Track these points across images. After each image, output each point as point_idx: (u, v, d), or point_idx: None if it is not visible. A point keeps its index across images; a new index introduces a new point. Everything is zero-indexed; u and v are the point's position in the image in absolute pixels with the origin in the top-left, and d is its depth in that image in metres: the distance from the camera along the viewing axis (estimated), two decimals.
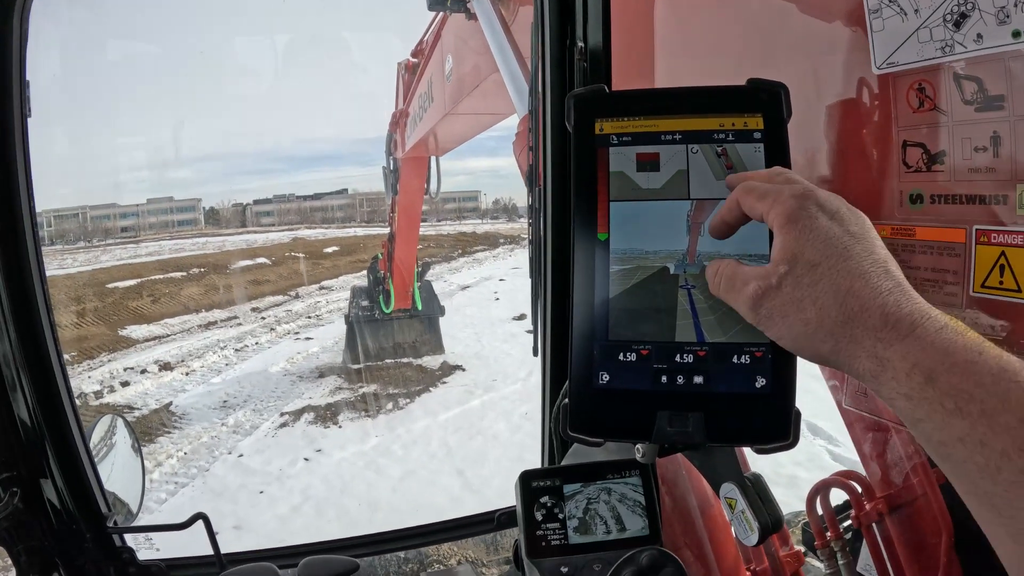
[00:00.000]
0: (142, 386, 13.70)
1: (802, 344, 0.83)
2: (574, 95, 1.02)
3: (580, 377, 0.96)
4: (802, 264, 0.80)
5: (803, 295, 0.80)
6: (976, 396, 0.67)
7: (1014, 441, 0.63)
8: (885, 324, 0.75)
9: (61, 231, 46.59)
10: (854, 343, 0.77)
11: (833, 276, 0.79)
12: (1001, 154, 0.98)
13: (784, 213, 0.83)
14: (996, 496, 0.65)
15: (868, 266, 0.79)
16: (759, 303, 0.84)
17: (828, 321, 0.79)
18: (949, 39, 1.01)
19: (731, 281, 0.88)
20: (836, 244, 0.80)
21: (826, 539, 1.74)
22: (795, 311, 0.81)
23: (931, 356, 0.71)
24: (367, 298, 12.89)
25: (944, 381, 0.69)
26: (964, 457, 0.67)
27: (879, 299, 0.76)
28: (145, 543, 3.34)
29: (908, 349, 0.73)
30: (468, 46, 6.13)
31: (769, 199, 0.85)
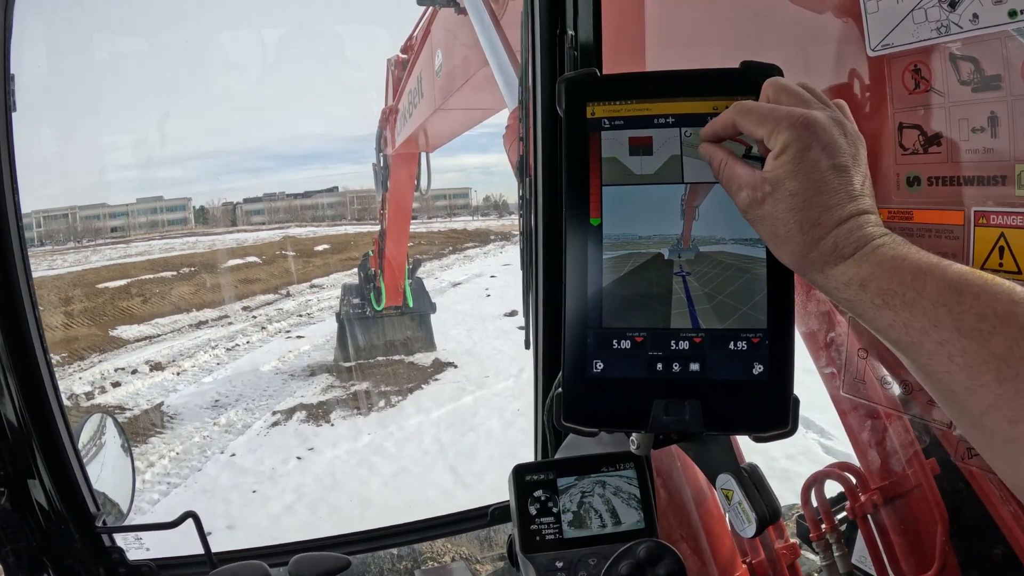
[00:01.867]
0: (133, 386, 13.65)
1: (773, 246, 0.94)
2: (565, 79, 1.01)
3: (574, 366, 0.95)
4: (783, 190, 0.89)
5: (779, 215, 0.90)
6: (899, 292, 0.82)
7: (930, 320, 0.79)
8: (834, 250, 0.87)
9: (50, 231, 46.45)
10: (807, 262, 0.90)
11: (805, 208, 0.88)
12: (999, 134, 0.97)
13: (782, 141, 0.89)
14: (924, 365, 0.82)
15: (838, 200, 0.88)
16: (747, 208, 0.93)
17: (792, 239, 0.90)
18: (944, 19, 1.00)
19: (730, 180, 0.94)
20: (817, 178, 0.88)
21: (821, 531, 1.74)
22: (771, 224, 0.91)
23: (864, 269, 0.86)
24: (358, 296, 12.86)
25: (873, 286, 0.85)
26: (896, 338, 0.84)
27: (835, 230, 0.88)
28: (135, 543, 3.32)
29: (847, 266, 0.87)
30: (458, 41, 6.13)
31: (768, 125, 0.91)
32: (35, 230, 43.43)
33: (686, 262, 0.93)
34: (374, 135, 10.85)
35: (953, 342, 0.77)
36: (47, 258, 33.41)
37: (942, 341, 0.78)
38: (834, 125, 0.91)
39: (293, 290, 24.64)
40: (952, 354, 0.78)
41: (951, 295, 0.79)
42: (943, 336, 0.78)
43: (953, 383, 0.78)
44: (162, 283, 24.86)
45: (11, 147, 1.76)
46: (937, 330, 0.79)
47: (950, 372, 0.78)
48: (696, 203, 0.94)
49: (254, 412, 11.59)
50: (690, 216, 0.94)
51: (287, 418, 11.06)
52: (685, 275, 0.93)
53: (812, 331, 1.49)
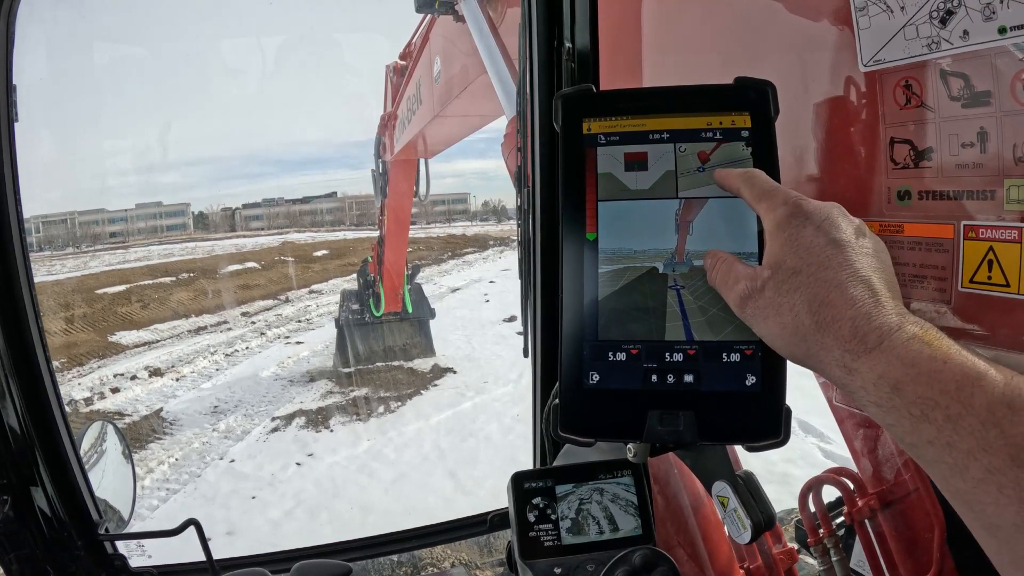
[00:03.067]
0: (132, 392, 13.62)
1: (780, 344, 0.87)
2: (562, 95, 1.02)
3: (570, 377, 0.96)
4: (784, 271, 0.85)
5: (782, 300, 0.85)
6: (940, 403, 0.71)
7: (978, 442, 0.68)
8: (854, 336, 0.79)
9: (49, 237, 46.42)
10: (824, 351, 0.81)
11: (810, 284, 0.83)
12: (988, 150, 0.98)
13: (775, 219, 0.88)
14: (966, 492, 0.70)
15: (846, 277, 0.82)
16: (745, 303, 0.88)
17: (802, 328, 0.83)
18: (935, 36, 1.01)
19: (725, 277, 0.91)
20: (817, 253, 0.84)
21: (819, 536, 1.75)
22: (774, 314, 0.86)
23: (896, 368, 0.75)
24: (357, 301, 12.87)
25: (910, 391, 0.73)
26: (935, 457, 0.72)
27: (851, 311, 0.80)
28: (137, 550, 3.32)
29: (875, 361, 0.77)
30: (456, 48, 6.14)
31: (766, 202, 0.90)
32: (34, 235, 43.38)
33: (680, 276, 0.94)
34: (373, 141, 10.85)
35: (1005, 471, 0.67)
36: (46, 263, 33.35)
37: (992, 468, 0.67)
38: (827, 205, 0.89)
39: (292, 296, 24.61)
40: (1003, 485, 0.67)
41: (1004, 413, 0.68)
42: (993, 463, 0.67)
43: (1000, 517, 0.67)
44: (161, 289, 24.83)
45: (13, 156, 1.77)
46: (987, 455, 0.68)
47: (998, 505, 0.67)
48: (690, 218, 0.95)
49: (253, 418, 11.56)
50: (684, 231, 0.95)
51: (286, 424, 11.04)
52: (679, 289, 0.94)
53: None
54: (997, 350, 0.99)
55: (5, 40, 1.71)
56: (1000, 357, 0.97)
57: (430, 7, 5.86)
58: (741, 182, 0.93)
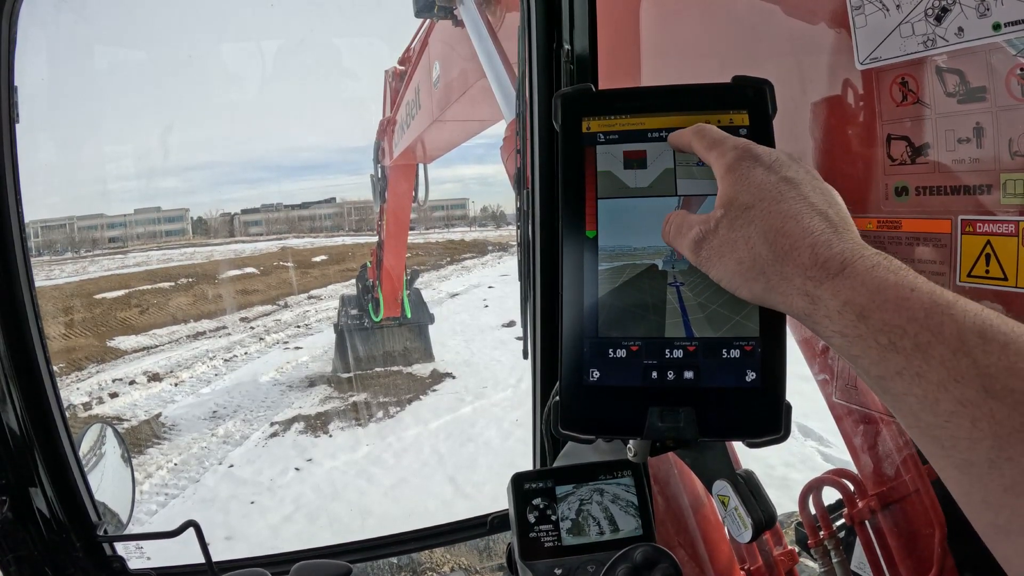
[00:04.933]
0: (131, 397, 13.61)
1: (738, 283, 0.86)
2: (561, 94, 1.03)
3: (571, 374, 0.96)
4: (736, 207, 0.85)
5: (736, 236, 0.84)
6: (909, 331, 0.69)
7: (949, 372, 0.65)
8: (815, 263, 0.77)
9: (48, 241, 46.47)
10: (785, 281, 0.80)
11: (765, 217, 0.82)
12: (984, 145, 0.99)
13: (724, 163, 0.88)
14: (937, 427, 0.67)
15: (800, 208, 0.82)
16: (700, 246, 0.88)
17: (759, 260, 0.82)
18: (931, 33, 1.02)
19: (679, 227, 0.91)
20: (769, 189, 0.84)
21: (819, 537, 1.75)
22: (729, 251, 0.85)
23: (862, 294, 0.73)
24: (356, 307, 12.85)
25: (876, 318, 0.71)
26: (903, 390, 0.69)
27: (809, 239, 0.79)
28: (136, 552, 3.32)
29: (838, 287, 0.75)
30: (455, 52, 6.14)
31: (716, 150, 0.90)
32: (33, 240, 43.38)
33: (680, 273, 0.94)
34: (372, 146, 10.86)
35: (978, 402, 0.64)
36: (45, 268, 33.39)
37: (963, 400, 0.64)
38: (774, 151, 0.89)
39: (291, 301, 24.59)
40: (976, 417, 0.64)
41: (975, 342, 0.66)
42: (965, 394, 0.64)
43: (973, 452, 0.64)
44: (160, 294, 24.81)
45: (15, 158, 1.77)
46: (958, 386, 0.65)
47: (971, 439, 0.64)
48: None
49: (252, 423, 11.54)
50: None
51: (285, 429, 11.02)
52: (679, 285, 0.94)
53: (806, 338, 1.51)
54: None
55: (7, 41, 1.71)
56: None
57: (429, 12, 5.87)
58: (692, 135, 0.94)
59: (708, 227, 0.86)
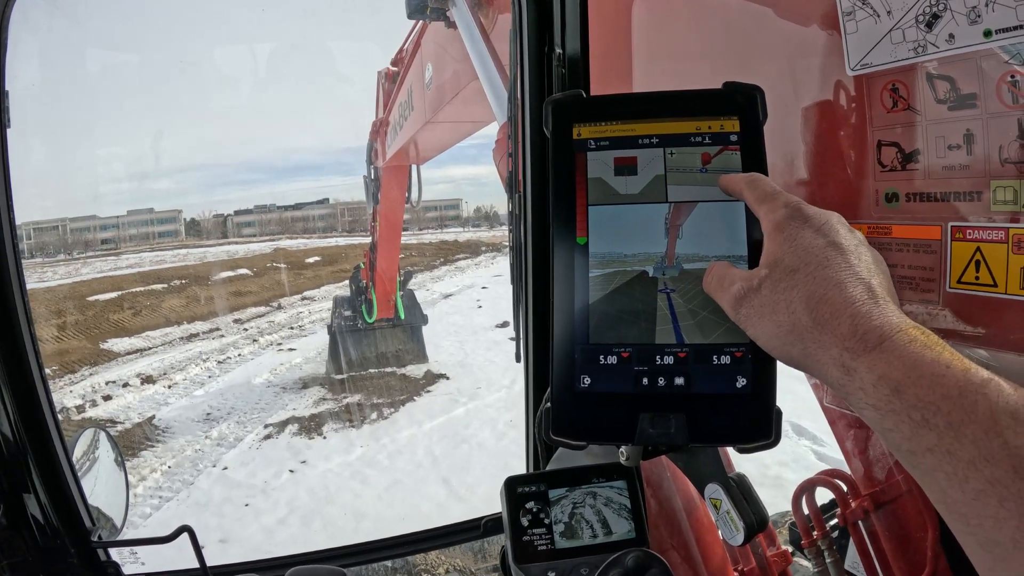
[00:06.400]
0: (124, 400, 13.58)
1: (774, 345, 0.86)
2: (552, 100, 1.03)
3: (562, 381, 0.96)
4: (781, 269, 0.84)
5: (778, 298, 0.83)
6: (942, 408, 0.68)
7: (980, 452, 0.65)
8: (854, 334, 0.77)
9: (41, 243, 46.28)
10: (822, 349, 0.79)
11: (808, 283, 0.81)
12: (975, 152, 0.99)
13: (774, 221, 0.88)
14: (964, 504, 0.66)
15: (845, 276, 0.81)
16: (740, 303, 0.87)
17: (799, 325, 0.81)
18: (922, 40, 1.02)
19: (720, 280, 0.91)
20: (816, 253, 0.83)
21: (813, 538, 1.75)
22: (770, 313, 0.84)
23: (897, 368, 0.72)
24: (349, 308, 12.82)
25: (910, 393, 0.71)
26: (933, 466, 0.69)
27: (850, 309, 0.78)
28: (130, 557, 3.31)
29: (875, 361, 0.74)
30: (448, 54, 6.13)
31: (767, 204, 0.90)
32: (26, 242, 43.23)
33: (670, 279, 0.94)
34: (365, 147, 10.84)
35: (1007, 483, 0.63)
36: (37, 270, 33.26)
37: (993, 480, 0.64)
38: (825, 212, 0.89)
39: (284, 302, 24.55)
40: (1004, 497, 0.63)
41: (1008, 423, 0.65)
42: (995, 474, 0.64)
43: (999, 532, 0.63)
44: (153, 296, 24.75)
45: (6, 162, 1.76)
46: (988, 465, 0.64)
47: (997, 519, 0.63)
48: (679, 222, 0.96)
49: (246, 425, 11.52)
50: (674, 235, 0.96)
51: (279, 431, 11.01)
52: (669, 292, 0.94)
53: None
54: (986, 350, 1.00)
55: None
56: (990, 357, 0.98)
57: (421, 13, 5.86)
58: (744, 184, 0.94)
59: (751, 285, 0.87)
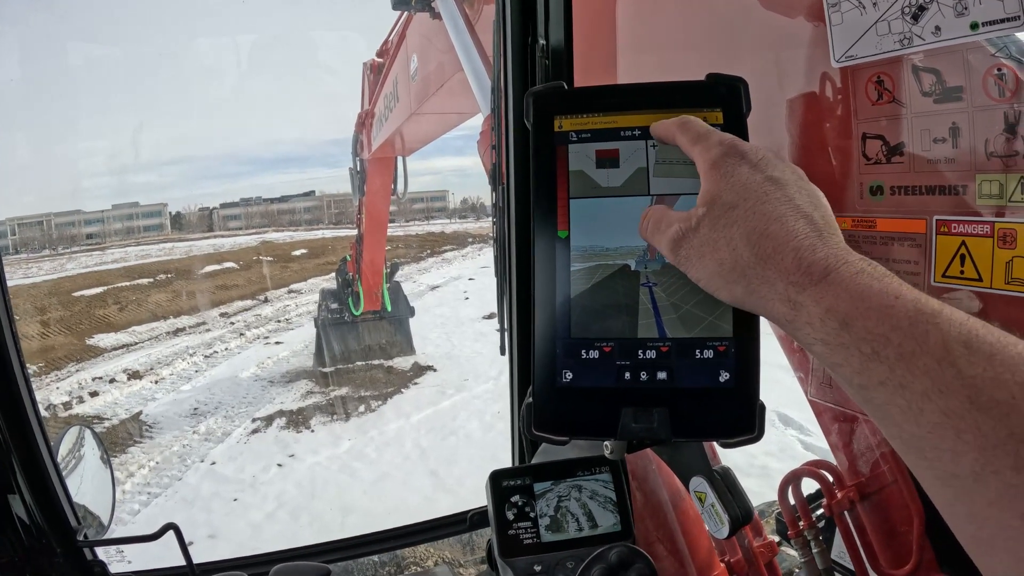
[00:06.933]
0: (111, 396, 13.53)
1: (718, 284, 0.83)
2: (532, 92, 1.02)
3: (543, 376, 0.96)
4: (719, 206, 0.82)
5: (718, 236, 0.81)
6: (892, 340, 0.66)
7: (934, 382, 0.63)
8: (798, 267, 0.75)
9: (25, 239, 46.00)
10: (767, 284, 0.77)
11: (748, 218, 0.79)
12: (960, 145, 0.99)
13: (709, 159, 0.85)
14: (921, 439, 0.64)
15: (785, 210, 0.79)
16: (679, 244, 0.85)
17: (741, 262, 0.79)
18: (907, 32, 1.02)
19: (657, 223, 0.89)
20: (754, 188, 0.81)
21: (799, 528, 1.75)
22: (710, 251, 0.82)
23: (845, 301, 0.71)
24: (336, 301, 12.77)
25: (859, 326, 0.69)
26: (886, 400, 0.67)
27: (793, 242, 0.76)
28: (117, 556, 3.30)
29: (821, 293, 0.73)
30: (433, 45, 6.11)
31: (700, 144, 0.87)
32: (9, 238, 43.01)
33: (652, 273, 0.93)
34: (351, 138, 10.81)
35: (963, 414, 0.61)
36: (22, 266, 33.10)
37: (948, 411, 0.62)
38: (761, 148, 0.86)
39: (271, 296, 24.51)
40: (961, 429, 0.61)
41: (960, 352, 0.63)
42: (950, 405, 0.62)
43: (957, 465, 0.62)
44: (138, 290, 24.66)
45: None
46: (943, 396, 0.62)
47: (955, 451, 0.61)
48: None
49: (233, 419, 11.51)
50: None
51: (267, 425, 10.99)
52: (651, 286, 0.93)
53: (784, 335, 1.51)
54: None
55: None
56: None
57: (406, 4, 5.83)
58: (676, 127, 0.91)
59: (689, 225, 0.84)
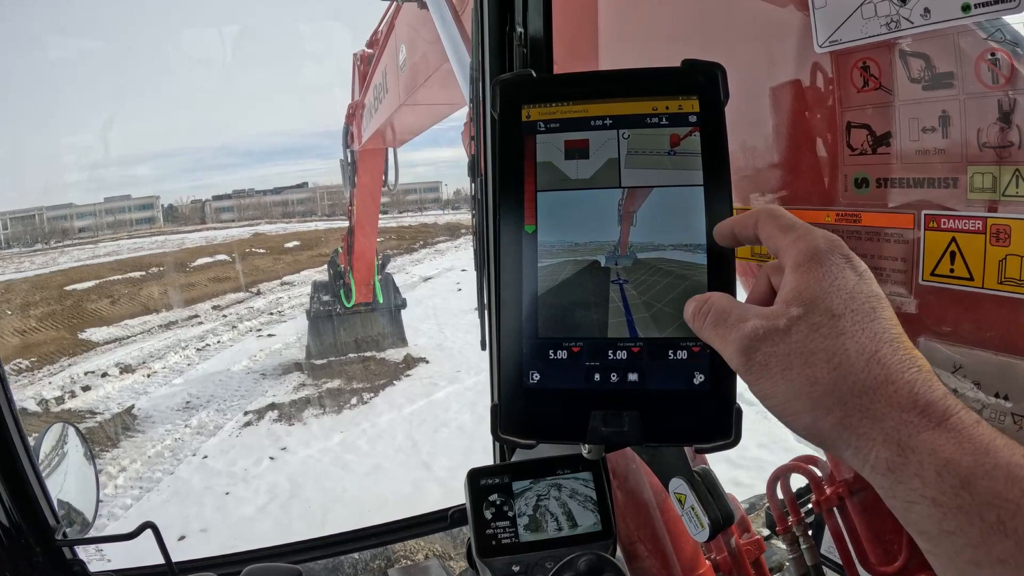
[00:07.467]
0: (103, 390, 13.59)
1: (798, 408, 0.67)
2: (499, 80, 0.97)
3: (510, 377, 0.92)
4: (822, 310, 0.67)
5: (817, 347, 0.65)
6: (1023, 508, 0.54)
7: None
8: (914, 405, 0.60)
9: (16, 233, 45.93)
10: (870, 419, 0.62)
11: (857, 334, 0.65)
12: (951, 135, 0.95)
13: (809, 250, 0.70)
14: None
15: (896, 335, 0.65)
16: (756, 346, 0.69)
17: (843, 385, 0.63)
18: (895, 14, 0.98)
19: (723, 315, 0.75)
20: (863, 301, 0.67)
21: (787, 524, 1.74)
22: (802, 364, 0.66)
23: (969, 453, 0.57)
24: (328, 293, 12.84)
25: (984, 487, 0.55)
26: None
27: (908, 374, 0.62)
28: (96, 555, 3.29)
29: (940, 441, 0.58)
30: (420, 35, 6.09)
31: (795, 233, 0.73)
32: (1, 232, 42.98)
33: (623, 269, 0.89)
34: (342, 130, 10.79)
35: None
36: (14, 261, 33.12)
37: None
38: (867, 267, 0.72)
39: (263, 288, 24.55)
40: None
41: None
42: None
43: None
44: (131, 284, 24.69)
45: None
46: None
47: None
48: (633, 208, 0.91)
49: (226, 413, 11.60)
50: (627, 222, 0.91)
51: (259, 418, 11.10)
52: (622, 283, 0.89)
53: None
54: (960, 347, 0.96)
55: None
56: (963, 355, 0.95)
57: None
58: (763, 214, 0.77)
59: (775, 325, 0.68)
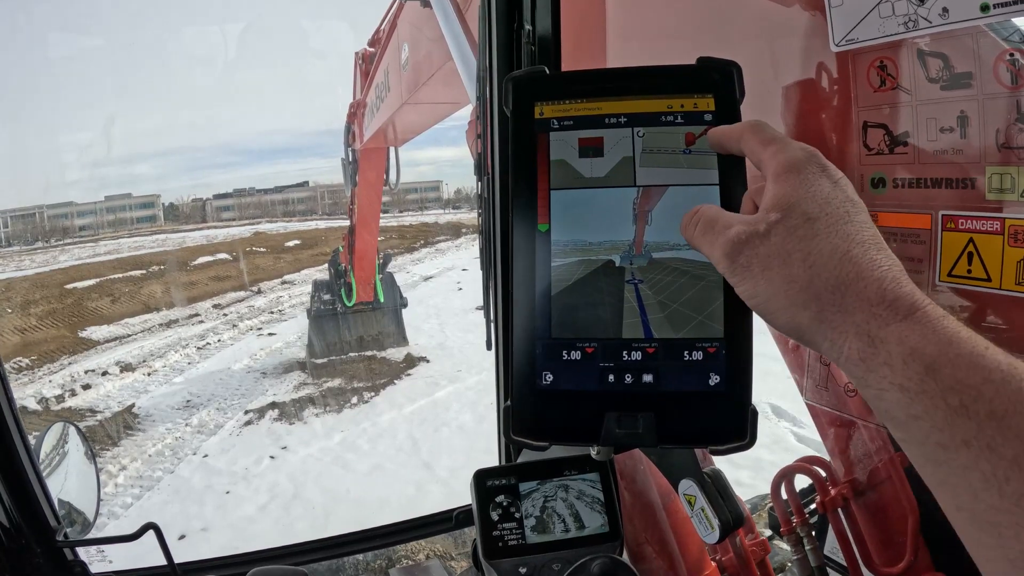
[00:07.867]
0: (104, 388, 13.58)
1: (779, 305, 0.73)
2: (512, 77, 0.96)
3: (522, 377, 0.91)
4: (797, 214, 0.72)
5: (794, 248, 0.71)
6: (984, 394, 0.58)
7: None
8: (882, 299, 0.66)
9: (17, 232, 45.92)
10: (843, 313, 0.68)
11: (830, 235, 0.70)
12: (969, 135, 0.95)
13: (786, 161, 0.75)
14: (1000, 512, 0.56)
15: (867, 236, 0.70)
16: (739, 249, 0.75)
17: (817, 282, 0.69)
18: (913, 13, 0.97)
19: (711, 223, 0.79)
20: (837, 206, 0.72)
21: (792, 525, 1.73)
22: (780, 264, 0.72)
23: (934, 343, 0.62)
24: (329, 292, 12.83)
25: (948, 373, 0.60)
26: (967, 463, 0.58)
27: (877, 271, 0.67)
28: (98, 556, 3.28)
29: (907, 331, 0.63)
30: (423, 34, 6.08)
31: (776, 145, 0.78)
32: (2, 230, 42.98)
33: (638, 269, 0.89)
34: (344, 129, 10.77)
35: None
36: (15, 259, 33.12)
37: None
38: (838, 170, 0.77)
39: (264, 287, 24.54)
40: None
41: None
42: None
43: None
44: (131, 282, 24.68)
45: None
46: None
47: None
48: (648, 207, 0.90)
49: (226, 412, 11.60)
50: (642, 221, 0.90)
51: (259, 417, 11.09)
52: (637, 283, 0.89)
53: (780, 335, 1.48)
54: None
55: None
56: None
57: None
58: (747, 128, 0.82)
59: (756, 230, 0.74)
